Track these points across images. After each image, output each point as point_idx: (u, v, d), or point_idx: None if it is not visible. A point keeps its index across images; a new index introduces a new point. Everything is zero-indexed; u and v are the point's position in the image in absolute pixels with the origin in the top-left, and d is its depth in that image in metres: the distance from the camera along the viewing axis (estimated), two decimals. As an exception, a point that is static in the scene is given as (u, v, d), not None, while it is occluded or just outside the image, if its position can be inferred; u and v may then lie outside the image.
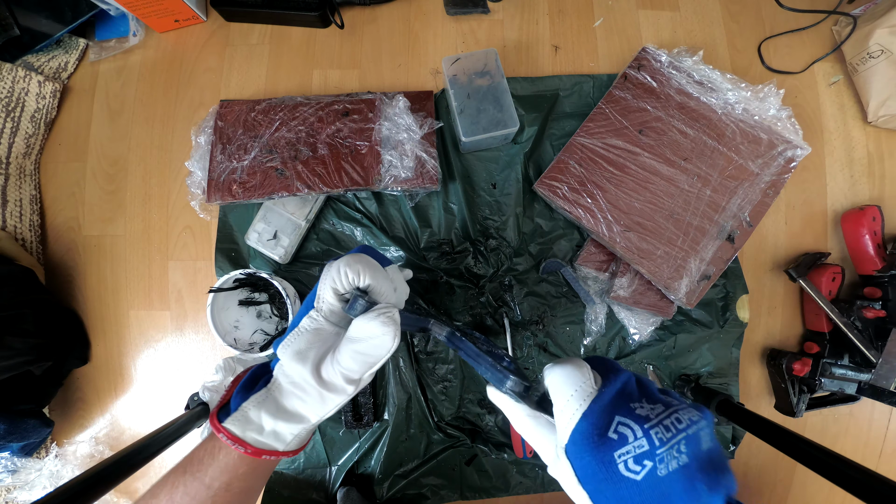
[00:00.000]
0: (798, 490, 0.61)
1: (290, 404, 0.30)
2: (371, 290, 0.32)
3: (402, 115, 0.55)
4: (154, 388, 0.61)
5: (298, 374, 0.30)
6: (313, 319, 0.31)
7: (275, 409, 0.30)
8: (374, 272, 0.32)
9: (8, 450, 0.55)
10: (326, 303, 0.32)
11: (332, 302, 0.32)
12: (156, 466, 0.61)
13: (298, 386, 0.30)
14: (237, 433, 0.30)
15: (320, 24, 0.64)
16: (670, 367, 0.60)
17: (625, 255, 0.55)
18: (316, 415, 0.31)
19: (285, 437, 0.31)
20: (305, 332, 0.31)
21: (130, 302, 0.61)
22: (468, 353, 0.38)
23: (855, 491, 0.37)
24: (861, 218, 0.57)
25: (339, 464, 0.58)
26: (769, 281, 0.62)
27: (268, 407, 0.30)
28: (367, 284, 0.32)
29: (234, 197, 0.55)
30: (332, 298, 0.32)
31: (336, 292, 0.32)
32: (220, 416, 0.31)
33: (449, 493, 0.58)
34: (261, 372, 0.33)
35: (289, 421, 0.30)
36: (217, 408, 0.31)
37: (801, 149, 0.56)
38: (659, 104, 0.58)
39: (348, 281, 0.31)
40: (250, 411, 0.30)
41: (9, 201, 0.59)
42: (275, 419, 0.30)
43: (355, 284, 0.32)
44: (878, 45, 0.57)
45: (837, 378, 0.55)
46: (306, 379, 0.30)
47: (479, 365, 0.37)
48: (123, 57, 0.65)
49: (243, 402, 0.30)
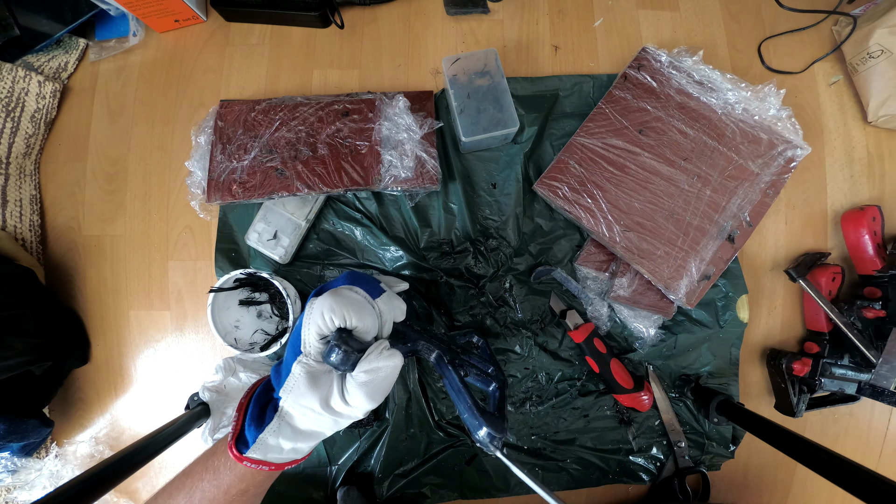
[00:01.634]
0: (798, 490, 0.61)
1: (306, 426, 0.31)
2: (357, 331, 0.32)
3: (402, 115, 0.55)
4: (154, 388, 0.61)
5: (309, 409, 0.31)
6: (304, 365, 0.31)
7: (291, 433, 0.31)
8: (360, 312, 0.31)
9: (8, 450, 0.55)
10: (313, 347, 0.31)
11: (318, 346, 0.31)
12: (156, 466, 0.61)
13: (311, 416, 0.31)
14: (259, 458, 0.31)
15: (320, 24, 0.64)
16: (670, 367, 0.60)
17: (625, 255, 0.55)
18: (332, 430, 0.33)
19: (304, 450, 0.33)
20: (301, 377, 0.31)
21: (130, 302, 0.61)
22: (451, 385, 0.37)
23: (855, 491, 0.37)
24: (861, 218, 0.57)
25: (339, 463, 0.58)
26: (769, 281, 0.62)
27: (284, 433, 0.31)
28: (354, 327, 0.31)
29: (234, 197, 0.55)
30: (316, 342, 0.31)
31: (321, 335, 0.31)
32: (239, 447, 0.31)
33: (449, 492, 0.58)
34: (264, 399, 0.33)
35: (307, 440, 0.32)
36: (233, 439, 0.32)
37: (801, 149, 0.56)
38: (659, 104, 0.58)
39: (334, 324, 0.31)
40: (269, 440, 0.31)
41: (9, 201, 0.59)
42: (293, 441, 0.31)
43: (340, 326, 0.31)
44: (878, 45, 0.57)
45: (837, 378, 0.55)
46: (318, 411, 0.31)
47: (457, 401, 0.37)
48: (123, 57, 0.65)
49: (259, 433, 0.31)
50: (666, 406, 0.59)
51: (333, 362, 0.30)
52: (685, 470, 0.58)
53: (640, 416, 0.59)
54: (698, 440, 0.59)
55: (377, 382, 0.31)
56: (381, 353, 0.31)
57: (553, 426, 0.59)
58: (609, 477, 0.59)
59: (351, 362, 0.30)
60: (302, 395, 0.30)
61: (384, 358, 0.31)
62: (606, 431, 0.59)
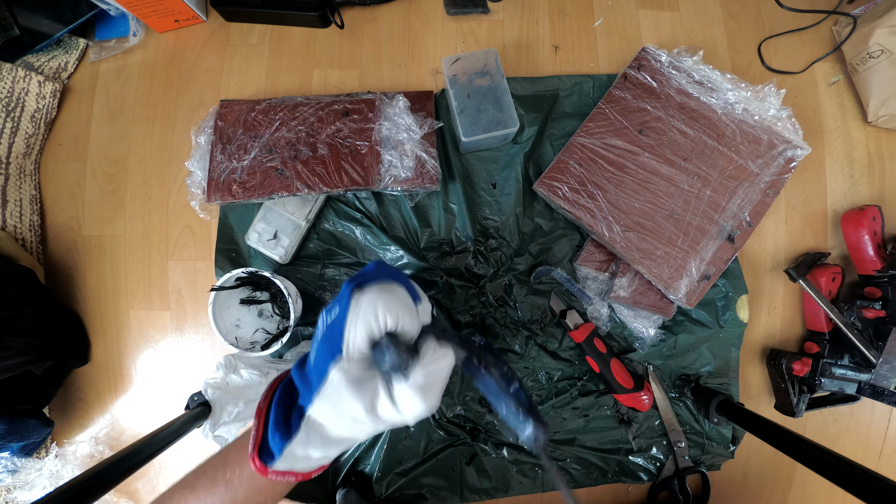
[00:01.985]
0: (798, 490, 0.61)
1: (339, 434, 0.28)
2: (403, 336, 0.28)
3: (402, 115, 0.55)
4: (154, 388, 0.61)
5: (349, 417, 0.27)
6: (344, 371, 0.26)
7: (321, 442, 0.28)
8: (412, 316, 0.28)
9: (8, 450, 0.55)
10: (358, 349, 0.27)
11: (365, 348, 0.27)
12: (156, 466, 0.61)
13: (348, 424, 0.28)
14: (286, 469, 0.28)
15: (320, 24, 0.64)
16: (670, 367, 0.60)
17: (625, 255, 0.55)
18: (367, 436, 0.29)
19: (334, 455, 0.29)
20: (341, 383, 0.26)
21: (130, 302, 0.61)
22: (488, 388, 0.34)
23: (855, 491, 0.37)
24: (861, 218, 0.57)
25: (339, 461, 0.58)
26: (769, 281, 0.62)
27: (314, 442, 0.28)
28: (405, 332, 0.28)
29: (234, 197, 0.55)
30: (364, 347, 0.27)
31: (371, 337, 0.27)
32: (263, 458, 0.28)
33: (448, 494, 0.58)
34: (287, 404, 0.30)
35: (338, 446, 0.29)
36: (256, 450, 0.28)
37: (801, 149, 0.56)
38: (659, 104, 0.58)
39: (387, 326, 0.27)
40: (297, 450, 0.28)
41: (9, 201, 0.59)
42: (324, 450, 0.28)
43: (390, 329, 0.27)
44: (878, 45, 0.57)
45: (837, 378, 0.55)
46: (360, 419, 0.27)
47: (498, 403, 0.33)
48: (123, 57, 0.65)
49: (285, 443, 0.27)
50: (666, 406, 0.59)
51: (388, 366, 0.27)
52: (685, 470, 0.58)
53: (640, 416, 0.59)
54: (698, 440, 0.59)
55: (437, 385, 0.28)
56: (435, 352, 0.28)
57: (553, 426, 0.59)
58: (609, 477, 0.59)
59: (405, 365, 0.27)
60: (344, 402, 0.27)
61: (440, 357, 0.28)
62: (606, 431, 0.59)
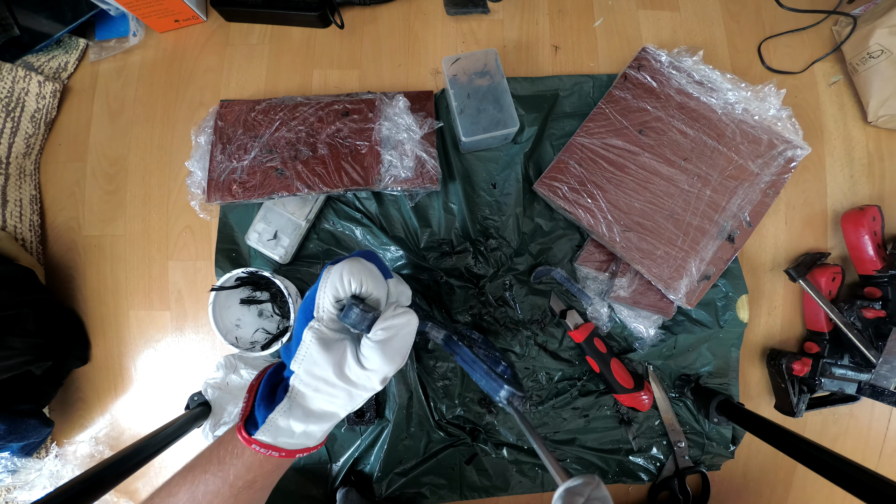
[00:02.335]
0: (798, 490, 0.61)
1: (318, 406, 0.31)
2: (369, 299, 0.31)
3: (402, 115, 0.55)
4: (154, 388, 0.61)
5: (322, 380, 0.30)
6: (315, 330, 0.30)
7: (302, 414, 0.30)
8: (376, 281, 0.31)
9: (8, 450, 0.55)
10: (327, 310, 0.30)
11: (332, 310, 0.30)
12: (156, 466, 0.61)
13: (324, 390, 0.30)
14: (269, 441, 0.30)
15: (320, 24, 0.64)
16: (670, 367, 0.60)
17: (625, 255, 0.55)
18: (345, 410, 0.31)
19: (316, 434, 0.31)
20: (312, 343, 0.30)
21: (130, 302, 0.61)
22: (464, 359, 0.38)
23: (855, 491, 0.37)
24: (861, 218, 0.57)
25: (339, 461, 0.58)
26: (769, 281, 0.62)
27: (295, 414, 0.30)
28: (369, 294, 0.31)
29: (234, 197, 0.55)
30: (332, 306, 0.30)
31: (336, 299, 0.30)
32: (248, 428, 0.30)
33: (448, 492, 0.58)
34: (275, 380, 0.33)
35: (319, 421, 0.31)
36: (242, 420, 0.31)
37: (801, 149, 0.56)
38: (659, 104, 0.58)
39: (350, 288, 0.30)
40: (279, 420, 0.30)
41: (9, 201, 0.59)
42: (305, 423, 0.30)
43: (355, 292, 0.30)
44: (878, 45, 0.57)
45: (837, 378, 0.55)
46: (331, 381, 0.30)
47: (473, 371, 0.38)
48: (123, 57, 0.65)
49: (269, 413, 0.30)
50: (666, 406, 0.59)
51: (351, 321, 0.30)
52: (685, 470, 0.58)
53: (640, 416, 0.59)
54: (698, 440, 0.59)
55: (396, 340, 0.30)
56: (396, 310, 0.31)
57: (553, 426, 0.59)
58: (609, 477, 0.59)
59: (368, 321, 0.30)
60: (315, 362, 0.29)
61: (400, 315, 0.31)
62: (606, 431, 0.59)
